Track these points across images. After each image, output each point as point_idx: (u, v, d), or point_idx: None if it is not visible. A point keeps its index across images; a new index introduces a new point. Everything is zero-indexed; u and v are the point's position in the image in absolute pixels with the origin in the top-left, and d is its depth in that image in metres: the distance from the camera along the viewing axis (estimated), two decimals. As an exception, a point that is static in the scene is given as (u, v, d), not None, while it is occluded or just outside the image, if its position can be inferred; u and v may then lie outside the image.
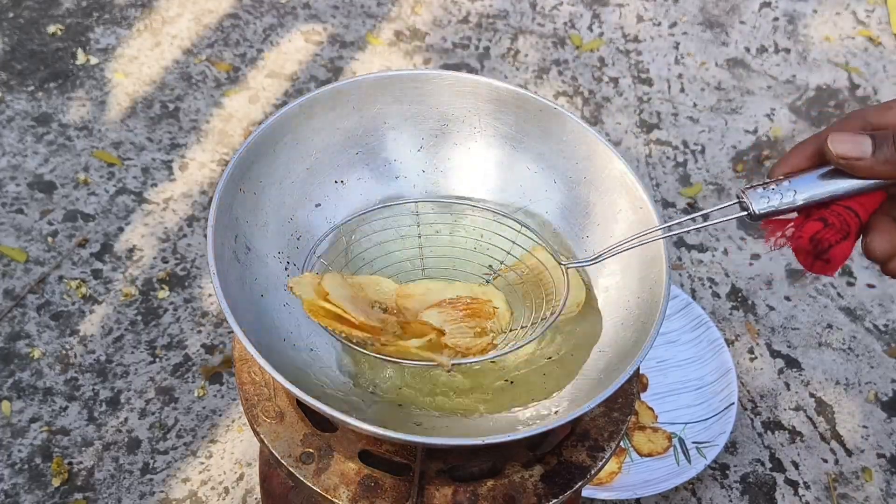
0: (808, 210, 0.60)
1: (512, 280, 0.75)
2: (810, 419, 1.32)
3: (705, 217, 0.69)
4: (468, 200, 0.80)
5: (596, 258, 0.70)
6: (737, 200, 0.62)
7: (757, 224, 0.61)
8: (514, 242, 0.77)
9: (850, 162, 0.58)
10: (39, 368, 1.27)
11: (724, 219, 0.64)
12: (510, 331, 0.70)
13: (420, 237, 0.77)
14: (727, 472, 1.25)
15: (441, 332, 0.67)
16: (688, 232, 0.70)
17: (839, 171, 0.59)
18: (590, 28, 1.93)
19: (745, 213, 0.61)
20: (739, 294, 1.47)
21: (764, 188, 0.60)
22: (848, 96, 1.85)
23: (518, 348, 0.68)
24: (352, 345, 0.66)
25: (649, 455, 1.22)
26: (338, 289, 0.66)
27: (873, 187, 0.60)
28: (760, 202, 0.60)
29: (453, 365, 0.65)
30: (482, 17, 1.92)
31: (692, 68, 1.87)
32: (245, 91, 1.71)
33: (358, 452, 0.68)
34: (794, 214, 0.61)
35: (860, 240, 0.60)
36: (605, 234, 0.76)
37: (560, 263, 0.73)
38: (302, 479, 0.66)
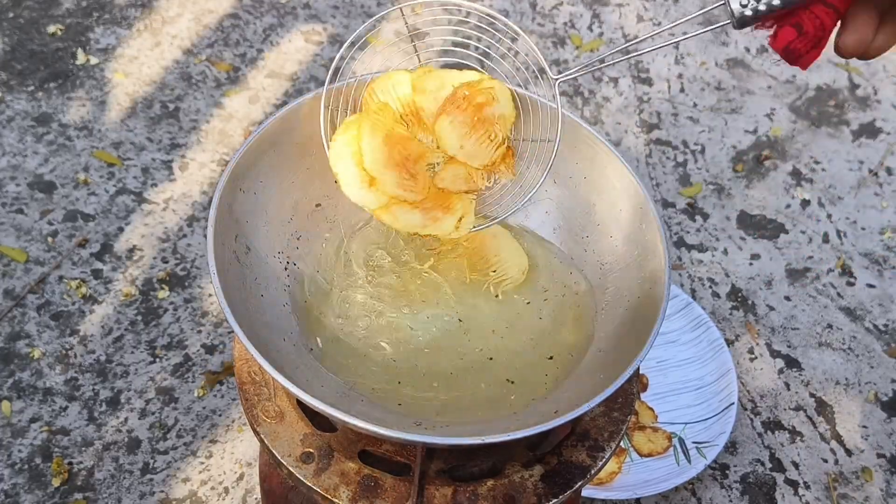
0: (786, 13, 0.60)
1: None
2: (810, 419, 1.32)
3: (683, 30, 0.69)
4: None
5: (588, 65, 0.72)
6: (721, 3, 0.61)
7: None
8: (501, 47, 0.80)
9: None
10: (39, 368, 1.27)
11: (714, 27, 0.64)
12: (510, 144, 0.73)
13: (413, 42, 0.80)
14: (727, 472, 1.25)
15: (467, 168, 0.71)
16: (689, 37, 0.69)
17: None
18: (590, 28, 1.93)
19: (728, 21, 0.61)
20: (739, 294, 1.47)
21: None
22: (848, 96, 1.85)
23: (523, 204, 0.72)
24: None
25: (649, 455, 1.21)
26: (372, 143, 0.70)
27: None
28: (738, 6, 0.60)
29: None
30: (482, 16, 1.92)
31: (692, 68, 1.87)
32: (245, 91, 1.71)
33: (358, 452, 0.68)
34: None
35: (834, 33, 0.60)
36: (605, 235, 0.76)
37: (553, 79, 0.73)
38: (302, 479, 0.66)
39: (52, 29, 1.77)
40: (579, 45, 1.88)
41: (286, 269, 0.74)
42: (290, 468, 0.66)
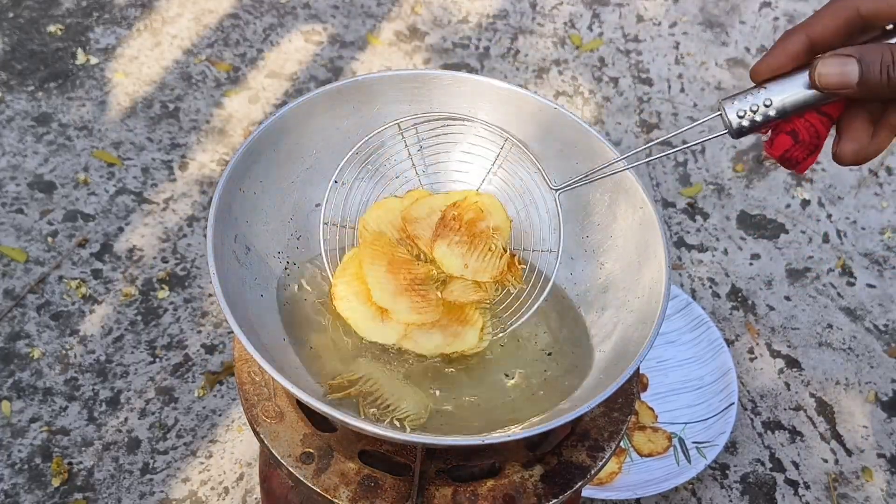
0: (782, 121, 0.60)
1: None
2: (810, 419, 1.32)
3: (685, 142, 0.70)
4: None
5: (587, 175, 0.71)
6: (717, 113, 0.62)
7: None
8: (503, 158, 0.79)
9: (835, 91, 0.57)
10: (39, 368, 1.27)
11: (703, 139, 0.65)
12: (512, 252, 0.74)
13: (410, 155, 0.79)
14: (727, 472, 1.25)
15: (480, 286, 0.71)
16: (689, 145, 0.70)
17: None
18: (590, 28, 1.93)
19: (725, 131, 0.62)
20: (739, 294, 1.47)
21: (739, 101, 0.60)
22: (848, 96, 1.85)
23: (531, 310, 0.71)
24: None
25: (649, 455, 1.21)
26: (374, 268, 0.70)
27: None
28: (735, 118, 0.60)
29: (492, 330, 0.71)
30: (482, 16, 1.92)
31: (692, 68, 1.87)
32: (245, 91, 1.71)
33: (358, 452, 0.68)
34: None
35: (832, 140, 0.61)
36: (606, 235, 0.76)
37: (552, 188, 0.73)
38: (302, 479, 0.66)
39: (52, 29, 1.77)
40: (579, 44, 1.88)
41: (286, 269, 0.74)
42: (290, 468, 0.66)
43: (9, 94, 1.64)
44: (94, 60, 1.72)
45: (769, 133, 0.62)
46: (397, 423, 0.64)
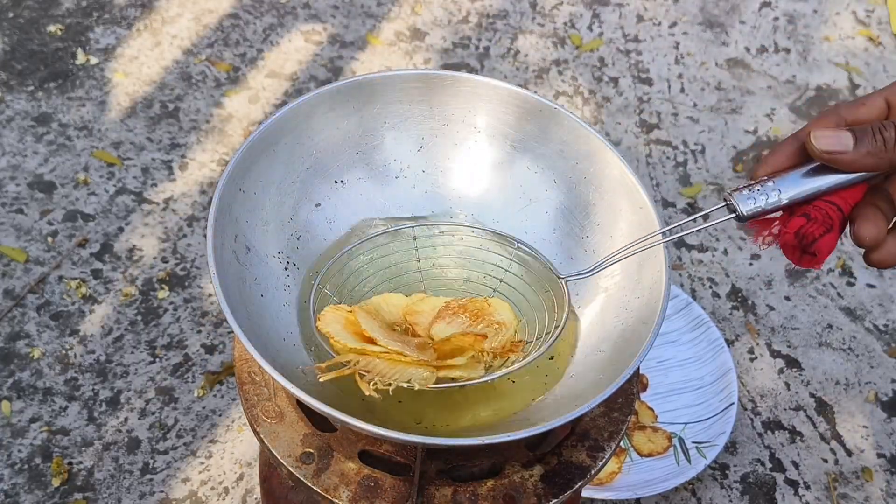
0: (792, 208, 0.62)
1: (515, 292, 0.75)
2: (810, 419, 1.32)
3: (702, 219, 0.70)
4: (462, 216, 0.80)
5: (594, 268, 0.70)
6: (724, 203, 0.63)
7: (744, 224, 0.63)
8: (510, 259, 0.77)
9: (833, 156, 0.59)
10: (39, 368, 1.27)
11: (715, 221, 0.65)
12: (525, 342, 0.70)
13: (419, 260, 0.77)
14: (727, 472, 1.25)
15: (481, 337, 0.67)
16: (685, 234, 0.71)
17: (821, 168, 0.61)
18: (590, 28, 1.93)
19: (734, 214, 0.62)
20: (739, 294, 1.47)
21: (749, 190, 0.62)
22: (848, 96, 1.85)
23: (527, 362, 0.67)
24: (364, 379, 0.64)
25: (649, 455, 1.22)
26: (369, 321, 0.66)
27: (856, 181, 0.61)
28: (747, 203, 0.61)
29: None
30: (482, 16, 1.92)
31: (692, 68, 1.87)
32: (245, 91, 1.71)
33: (358, 452, 0.68)
34: (780, 213, 0.63)
35: (848, 228, 0.62)
36: (606, 235, 0.76)
37: (559, 277, 0.72)
38: (302, 479, 0.66)
39: (52, 29, 1.77)
40: (579, 44, 1.88)
41: (286, 269, 0.74)
42: (290, 468, 0.66)
43: (9, 94, 1.64)
44: (94, 60, 1.72)
45: (778, 226, 0.62)
46: (405, 385, 0.63)
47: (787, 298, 1.47)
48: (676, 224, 0.67)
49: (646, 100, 1.79)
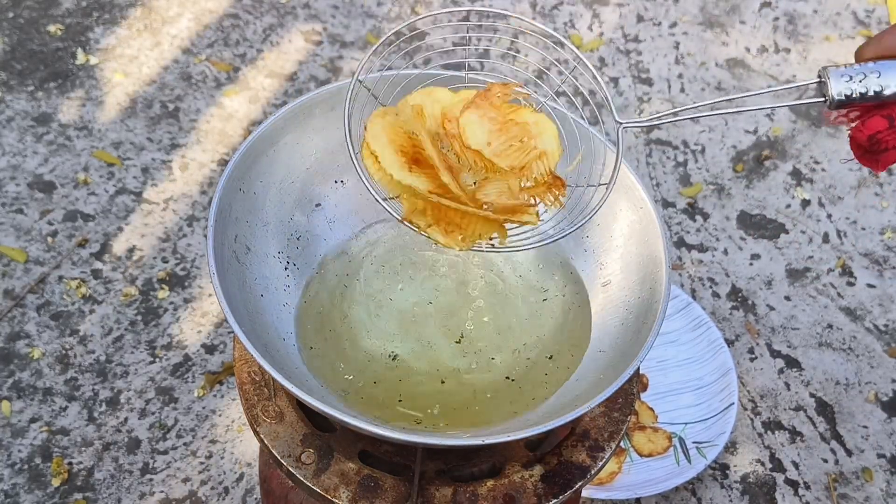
0: (881, 103, 0.57)
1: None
2: (810, 419, 1.32)
3: (776, 96, 0.62)
4: None
5: (651, 119, 0.64)
6: (817, 80, 0.58)
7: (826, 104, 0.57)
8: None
9: None
10: (39, 368, 1.27)
11: (799, 102, 0.59)
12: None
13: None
14: (727, 472, 1.25)
15: (500, 226, 0.63)
16: (762, 108, 0.65)
17: None
18: (590, 28, 1.93)
19: (823, 98, 0.57)
20: (739, 294, 1.47)
21: (847, 68, 0.56)
22: (848, 96, 1.85)
23: (574, 230, 0.63)
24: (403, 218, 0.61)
25: (649, 455, 1.21)
26: (419, 126, 0.62)
27: None
28: (840, 84, 0.56)
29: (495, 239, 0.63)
30: (482, 16, 1.92)
31: (692, 68, 1.87)
32: (245, 91, 1.70)
33: (358, 452, 0.68)
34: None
35: None
36: (606, 235, 0.76)
37: (616, 121, 0.67)
38: (302, 479, 0.66)
39: (51, 29, 1.77)
40: (579, 44, 1.88)
41: (286, 269, 0.74)
42: (290, 468, 0.66)
43: (9, 94, 1.64)
44: (93, 60, 1.72)
45: (860, 118, 0.57)
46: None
47: (788, 298, 1.47)
48: (753, 93, 0.61)
49: (646, 100, 1.79)
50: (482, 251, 0.63)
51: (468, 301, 0.75)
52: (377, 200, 0.61)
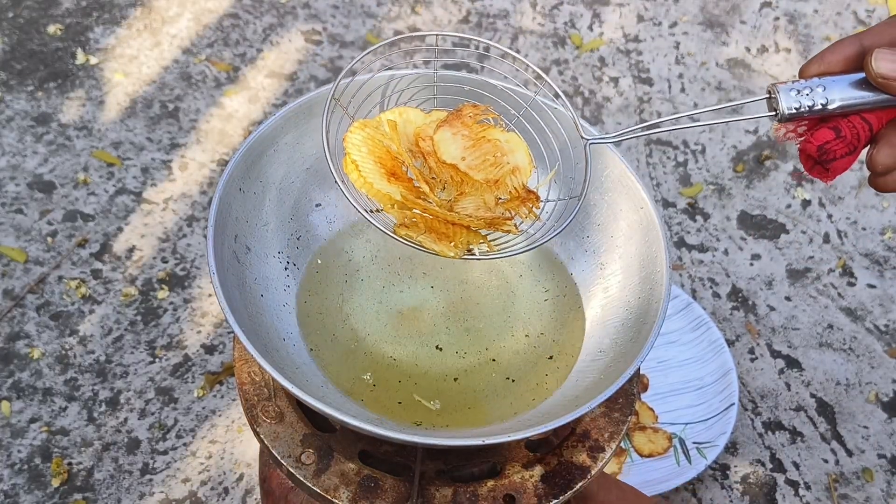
0: (826, 116, 0.59)
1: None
2: (811, 419, 1.32)
3: (735, 111, 0.66)
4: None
5: (620, 135, 0.67)
6: (766, 96, 0.60)
7: (776, 118, 0.59)
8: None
9: (889, 83, 0.56)
10: (39, 368, 1.27)
11: (749, 117, 0.62)
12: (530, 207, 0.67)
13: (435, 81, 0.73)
14: (728, 472, 1.25)
15: (478, 234, 0.64)
16: (715, 122, 0.68)
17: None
18: (590, 28, 1.93)
19: (773, 113, 0.59)
20: (740, 294, 1.47)
21: (794, 83, 0.58)
22: (848, 96, 1.85)
23: (548, 239, 0.64)
24: (381, 225, 0.62)
25: (650, 455, 1.21)
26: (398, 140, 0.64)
27: None
28: (790, 99, 0.58)
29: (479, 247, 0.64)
30: (482, 16, 1.92)
31: (692, 68, 1.87)
32: (245, 91, 1.70)
33: (358, 452, 0.68)
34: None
35: (866, 149, 0.59)
36: (606, 235, 0.76)
37: (582, 137, 0.69)
38: (302, 479, 0.66)
39: (51, 29, 1.77)
40: (579, 44, 1.88)
41: (286, 269, 0.74)
42: (290, 468, 0.66)
43: (8, 94, 1.64)
44: (93, 60, 1.72)
45: (807, 132, 0.60)
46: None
47: (788, 299, 1.47)
48: (706, 109, 0.64)
49: (646, 100, 1.79)
50: (475, 258, 0.64)
51: (468, 301, 0.75)
52: (360, 213, 0.62)
